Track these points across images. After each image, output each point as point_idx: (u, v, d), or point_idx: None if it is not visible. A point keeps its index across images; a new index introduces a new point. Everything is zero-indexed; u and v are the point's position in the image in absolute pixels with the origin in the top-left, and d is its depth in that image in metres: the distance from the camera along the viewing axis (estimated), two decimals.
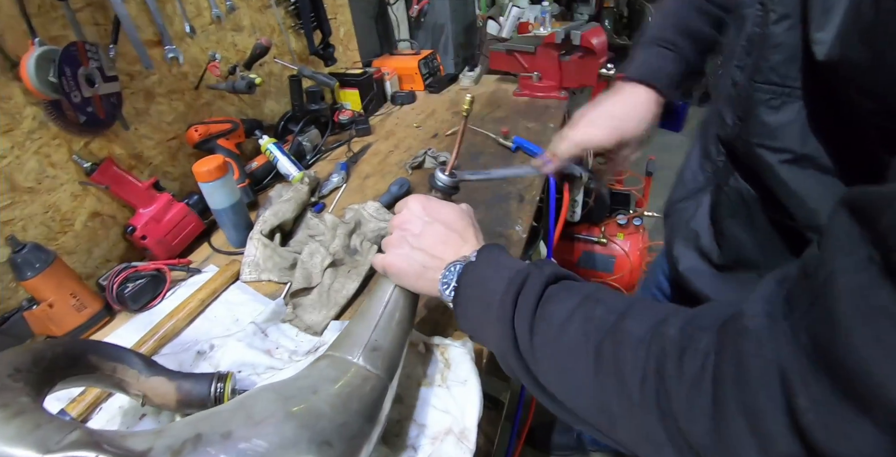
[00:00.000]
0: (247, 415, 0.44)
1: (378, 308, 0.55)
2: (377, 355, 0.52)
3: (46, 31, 0.78)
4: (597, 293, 0.40)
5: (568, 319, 0.38)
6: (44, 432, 0.41)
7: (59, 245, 0.83)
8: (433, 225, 0.54)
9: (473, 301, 0.47)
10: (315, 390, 0.47)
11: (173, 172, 1.04)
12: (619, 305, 0.38)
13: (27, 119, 0.77)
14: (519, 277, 0.43)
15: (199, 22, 1.06)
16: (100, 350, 0.55)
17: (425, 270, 0.52)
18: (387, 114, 1.55)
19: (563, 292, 0.41)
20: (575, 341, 0.37)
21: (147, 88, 0.97)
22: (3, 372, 0.46)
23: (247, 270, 0.84)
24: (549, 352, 0.40)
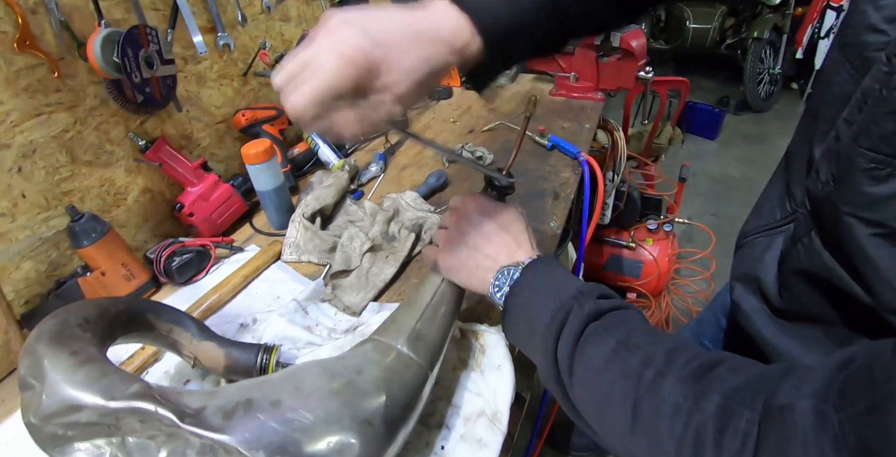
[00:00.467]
0: (295, 386, 0.46)
1: (425, 299, 0.57)
2: (420, 344, 0.54)
3: (111, 15, 0.82)
4: (633, 338, 0.40)
5: (605, 367, 0.39)
6: (109, 381, 0.44)
7: (111, 218, 0.87)
8: (488, 225, 0.55)
9: (520, 323, 0.49)
10: (360, 371, 0.49)
11: (219, 154, 1.08)
12: (657, 356, 0.38)
13: (90, 96, 0.81)
14: (562, 312, 0.44)
15: (250, 11, 1.09)
16: (158, 311, 0.59)
17: (477, 269, 0.54)
18: (424, 108, 1.57)
19: (602, 334, 0.42)
20: (612, 393, 0.38)
21: (199, 73, 1.00)
22: (73, 322, 0.49)
23: (288, 250, 0.86)
24: (587, 395, 0.41)
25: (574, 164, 1.16)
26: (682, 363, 0.36)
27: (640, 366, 0.37)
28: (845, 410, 0.27)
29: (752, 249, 0.59)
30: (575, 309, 0.44)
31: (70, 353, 0.46)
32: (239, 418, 0.43)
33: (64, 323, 0.49)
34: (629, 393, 0.37)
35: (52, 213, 0.78)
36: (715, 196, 3.01)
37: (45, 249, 0.78)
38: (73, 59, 0.77)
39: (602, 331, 0.42)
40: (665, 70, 4.69)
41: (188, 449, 0.42)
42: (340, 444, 0.43)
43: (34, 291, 0.78)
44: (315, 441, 0.42)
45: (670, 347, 0.39)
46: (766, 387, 0.32)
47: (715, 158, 3.48)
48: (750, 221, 0.63)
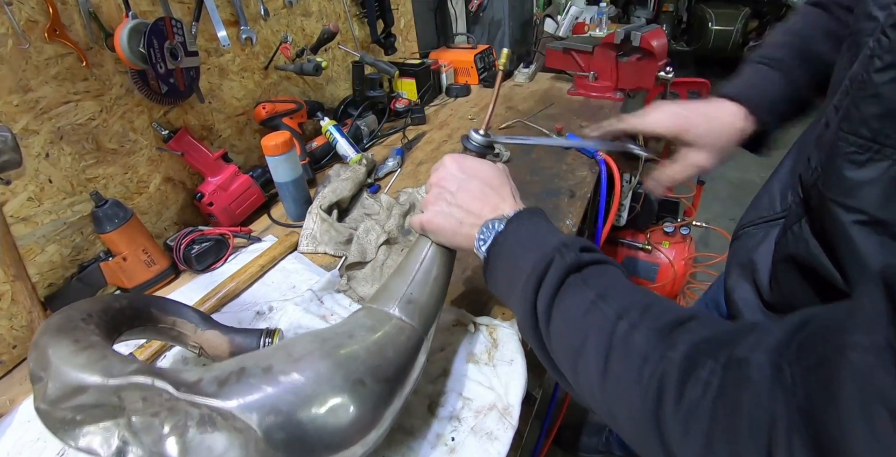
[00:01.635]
0: (287, 353, 0.47)
1: (415, 264, 0.57)
2: (413, 307, 0.54)
3: (138, 6, 0.83)
4: (611, 292, 0.41)
5: (582, 318, 0.40)
6: (109, 362, 0.46)
7: (134, 205, 0.88)
8: (469, 181, 0.55)
9: (501, 273, 0.49)
10: (351, 335, 0.50)
11: (239, 146, 1.09)
12: (632, 309, 0.38)
13: (115, 86, 0.82)
14: (542, 262, 0.44)
15: (272, 5, 1.11)
16: (161, 305, 0.60)
17: (461, 225, 0.53)
18: (441, 105, 1.57)
19: (581, 286, 0.42)
20: (586, 343, 0.39)
21: (222, 65, 1.02)
22: (77, 316, 0.51)
23: (304, 241, 0.87)
24: (562, 344, 0.42)
25: (591, 163, 1.15)
26: (654, 316, 0.37)
27: (615, 317, 0.38)
28: (798, 363, 0.27)
29: (748, 240, 0.60)
30: (556, 260, 0.44)
31: (72, 341, 0.48)
32: (232, 385, 0.44)
33: (68, 318, 0.51)
34: (602, 343, 0.37)
35: (77, 198, 0.80)
36: (734, 201, 2.97)
37: (69, 234, 0.80)
38: (101, 48, 0.79)
39: (581, 282, 0.42)
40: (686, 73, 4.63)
41: (188, 421, 0.43)
42: (334, 403, 0.44)
43: (58, 275, 0.80)
44: (308, 401, 0.43)
45: (647, 301, 0.39)
46: (733, 341, 0.32)
47: (735, 162, 3.41)
48: (749, 212, 0.63)
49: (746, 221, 0.62)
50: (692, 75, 4.66)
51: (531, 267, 0.45)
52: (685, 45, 4.55)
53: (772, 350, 0.29)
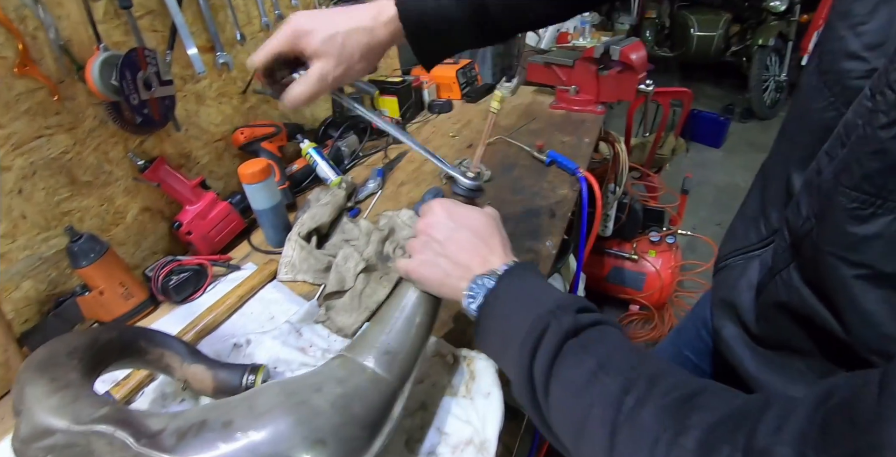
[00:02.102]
0: (249, 406, 0.47)
1: (396, 312, 0.55)
2: (389, 358, 0.53)
3: (110, 37, 0.83)
4: (613, 360, 0.39)
5: (583, 390, 0.38)
6: (79, 406, 0.46)
7: (110, 237, 0.88)
8: (458, 231, 0.53)
9: (493, 335, 0.48)
10: (319, 389, 0.49)
11: (218, 172, 1.09)
12: (638, 382, 0.37)
13: (89, 118, 0.82)
14: (538, 327, 0.43)
15: (248, 30, 1.11)
16: (149, 336, 0.60)
17: (448, 277, 0.52)
18: (424, 122, 1.57)
19: (580, 354, 0.41)
20: (590, 418, 0.37)
21: (198, 92, 1.01)
22: (61, 351, 0.51)
23: (283, 270, 0.87)
24: (563, 416, 0.40)
25: (572, 180, 1.16)
26: (663, 391, 0.36)
27: (621, 392, 0.36)
28: (827, 452, 0.26)
29: (729, 273, 0.58)
30: (552, 324, 0.42)
31: (49, 380, 0.48)
32: (190, 440, 0.44)
33: (52, 352, 0.51)
34: (608, 420, 0.36)
35: (52, 233, 0.79)
36: (720, 205, 3.00)
37: (44, 269, 0.79)
38: (73, 81, 0.79)
39: (580, 350, 0.41)
40: (670, 78, 4.69)
41: None
42: None
43: (34, 310, 0.79)
44: None
45: (652, 372, 0.38)
46: (747, 422, 0.31)
47: (720, 166, 3.47)
48: (726, 242, 0.61)
49: (726, 252, 0.60)
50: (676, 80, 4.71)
51: (526, 331, 0.43)
52: (668, 50, 4.59)
53: (796, 438, 0.28)
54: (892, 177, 0.35)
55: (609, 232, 1.87)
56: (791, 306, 0.46)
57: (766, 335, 0.52)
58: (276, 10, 1.17)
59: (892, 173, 0.35)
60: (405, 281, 0.58)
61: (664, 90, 2.07)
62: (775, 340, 0.51)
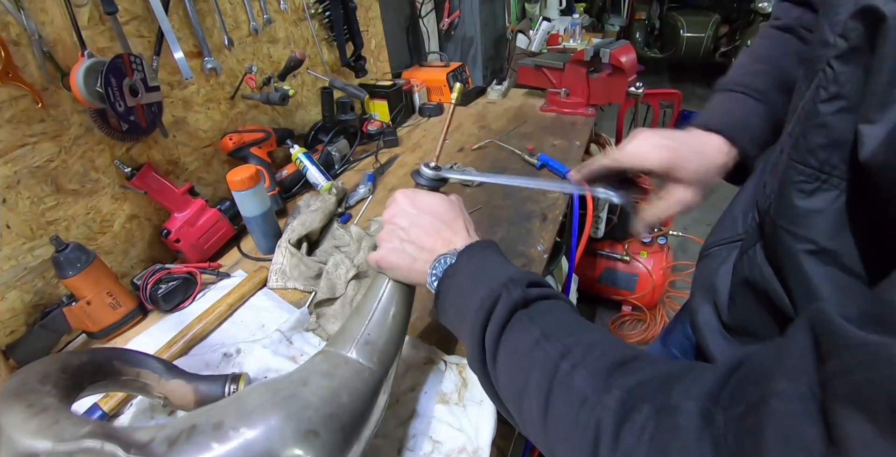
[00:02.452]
0: (237, 406, 0.47)
1: (372, 303, 0.56)
2: (370, 348, 0.53)
3: (94, 44, 0.82)
4: (556, 329, 0.41)
5: (526, 356, 0.40)
6: (60, 427, 0.45)
7: (98, 245, 0.87)
8: (421, 217, 0.55)
9: (451, 308, 0.49)
10: (305, 383, 0.49)
11: (207, 178, 1.08)
12: (575, 349, 0.38)
13: (74, 125, 0.81)
14: (490, 298, 0.44)
15: (236, 34, 1.10)
16: (123, 357, 0.59)
17: (415, 262, 0.53)
18: (414, 125, 1.57)
19: (527, 323, 0.42)
20: (530, 382, 0.39)
21: (186, 98, 1.00)
22: (33, 378, 0.50)
23: (274, 277, 0.86)
24: (508, 382, 0.42)
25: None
26: (596, 357, 0.37)
27: (558, 358, 0.38)
28: (729, 410, 0.27)
29: (711, 261, 0.59)
30: (504, 296, 0.44)
31: (26, 406, 0.47)
32: (181, 444, 0.43)
33: (23, 381, 0.50)
34: (544, 384, 0.37)
35: (38, 242, 0.78)
36: (710, 205, 2.96)
37: (30, 279, 0.78)
38: (57, 88, 0.78)
39: (527, 319, 0.42)
40: (660, 79, 4.71)
41: None
42: (287, 456, 0.43)
43: (20, 321, 0.78)
44: None
45: (591, 340, 0.39)
46: (669, 384, 0.32)
47: None
48: (714, 232, 0.62)
49: (711, 242, 0.62)
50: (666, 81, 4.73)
51: (479, 302, 0.45)
52: (658, 52, 4.63)
53: (703, 396, 0.29)
54: (834, 152, 0.36)
55: (601, 234, 1.87)
56: (754, 283, 0.47)
57: (734, 320, 0.53)
58: (264, 15, 1.16)
59: (834, 148, 0.36)
60: (379, 274, 0.59)
61: (654, 92, 2.08)
62: (741, 326, 0.53)
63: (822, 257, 0.39)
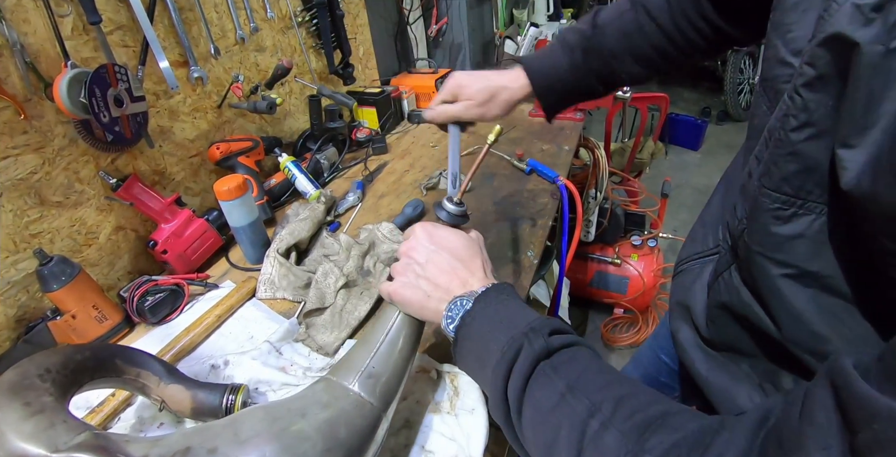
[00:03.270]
0: (234, 432, 0.46)
1: (380, 335, 0.55)
2: (373, 382, 0.52)
3: (78, 54, 0.81)
4: (581, 382, 0.40)
5: (552, 411, 0.39)
6: (55, 432, 0.44)
7: (83, 258, 0.85)
8: (438, 253, 0.54)
9: (470, 355, 0.48)
10: (304, 414, 0.48)
11: (194, 188, 1.07)
12: (604, 405, 0.38)
13: (58, 137, 0.80)
14: (512, 349, 0.43)
15: (223, 43, 1.09)
16: (126, 355, 0.58)
17: (429, 299, 0.52)
18: (403, 132, 1.57)
19: (551, 375, 0.41)
20: (558, 439, 0.38)
21: (172, 107, 1.00)
22: (33, 372, 0.49)
23: (262, 287, 0.85)
24: (534, 437, 0.41)
25: (553, 188, 1.16)
26: (626, 415, 0.36)
27: (587, 415, 0.37)
28: None
29: (685, 277, 0.60)
30: (525, 347, 0.43)
31: (23, 404, 0.46)
32: None
33: (24, 374, 0.49)
34: (574, 442, 0.37)
35: (21, 256, 0.77)
36: (699, 207, 2.98)
37: (14, 293, 0.77)
38: (40, 100, 0.77)
39: (551, 372, 0.42)
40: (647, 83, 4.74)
41: None
42: None
43: (3, 336, 0.76)
44: None
45: (618, 394, 0.38)
46: (700, 446, 0.32)
47: (698, 168, 3.52)
48: (686, 247, 0.63)
49: (685, 256, 0.62)
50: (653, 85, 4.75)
51: (500, 352, 0.44)
52: None
53: None
54: (808, 178, 0.36)
55: (591, 237, 1.88)
56: (732, 307, 0.48)
57: (714, 337, 0.53)
58: (250, 23, 1.15)
59: (808, 174, 0.36)
60: (389, 304, 0.58)
61: (642, 95, 2.10)
62: (722, 342, 0.53)
63: (803, 281, 0.39)
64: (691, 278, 0.57)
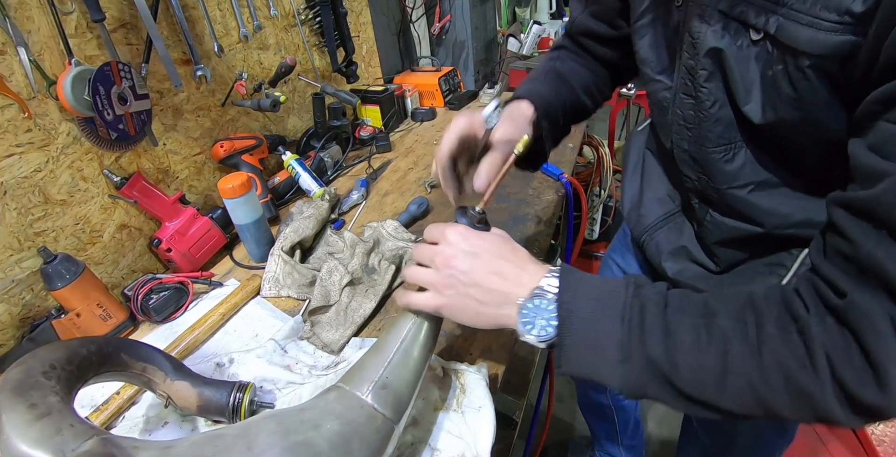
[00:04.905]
0: (247, 444, 0.45)
1: (394, 344, 0.54)
2: (387, 393, 0.51)
3: (82, 51, 0.81)
4: (709, 309, 0.43)
5: (709, 343, 0.41)
6: (62, 438, 0.43)
7: (87, 256, 0.85)
8: (480, 257, 0.51)
9: (580, 349, 0.45)
10: (317, 426, 0.47)
11: (198, 186, 1.07)
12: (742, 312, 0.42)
13: (62, 135, 0.80)
14: (634, 315, 0.43)
15: (226, 41, 1.09)
16: (132, 350, 0.58)
17: (484, 306, 0.50)
18: (407, 130, 1.56)
19: (684, 316, 0.43)
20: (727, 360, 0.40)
21: (175, 105, 1.00)
22: (38, 369, 0.48)
23: (267, 285, 0.85)
24: (700, 374, 0.41)
25: (557, 185, 1.15)
26: (758, 310, 0.41)
27: (740, 326, 0.41)
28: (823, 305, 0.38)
29: (665, 236, 0.70)
30: (647, 306, 0.43)
31: (28, 406, 0.45)
32: None
33: (28, 371, 0.48)
34: (746, 354, 0.39)
35: (25, 254, 0.77)
36: None
37: (18, 292, 0.77)
38: (44, 98, 0.77)
39: (680, 313, 0.43)
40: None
41: None
42: None
43: (7, 335, 0.76)
44: None
45: (734, 298, 0.43)
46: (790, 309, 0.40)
47: None
48: (644, 218, 0.74)
49: (648, 225, 0.73)
50: None
51: (621, 325, 0.43)
52: None
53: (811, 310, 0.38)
54: (730, 130, 0.53)
55: (596, 235, 1.87)
56: (726, 239, 0.61)
57: (722, 265, 0.64)
58: (254, 21, 1.15)
59: (728, 128, 0.53)
60: (405, 313, 0.56)
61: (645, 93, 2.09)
62: (727, 266, 0.64)
63: (762, 188, 0.55)
64: (675, 234, 0.70)
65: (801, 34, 0.41)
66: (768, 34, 0.43)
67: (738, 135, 0.53)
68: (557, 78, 0.74)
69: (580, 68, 0.77)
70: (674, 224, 0.70)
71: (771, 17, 0.43)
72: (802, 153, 0.51)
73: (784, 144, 0.51)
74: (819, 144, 0.48)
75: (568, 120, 0.73)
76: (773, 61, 0.44)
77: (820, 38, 0.39)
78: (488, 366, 0.67)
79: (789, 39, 0.42)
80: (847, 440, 1.55)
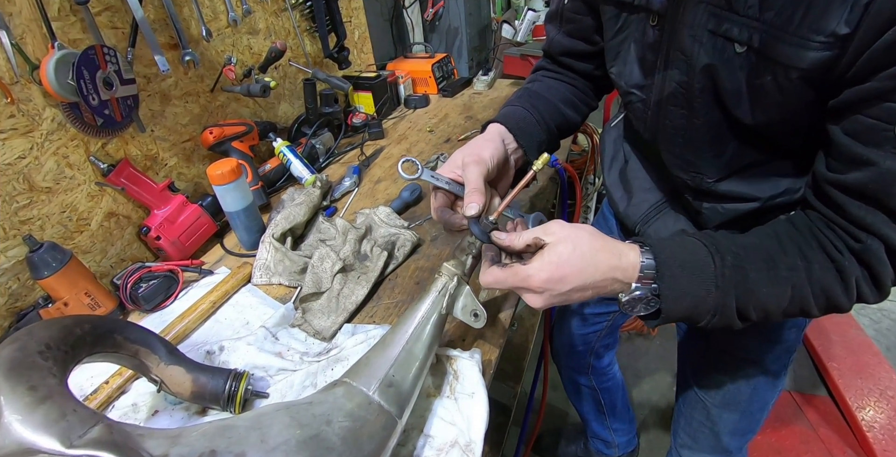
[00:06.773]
0: (261, 437, 0.45)
1: (400, 342, 0.56)
2: (393, 391, 0.53)
3: (66, 35, 0.79)
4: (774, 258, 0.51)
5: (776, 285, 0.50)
6: (68, 424, 0.41)
7: (74, 244, 0.84)
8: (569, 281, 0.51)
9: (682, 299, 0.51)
10: (329, 421, 0.48)
11: (188, 174, 1.05)
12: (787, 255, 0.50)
13: (46, 121, 0.78)
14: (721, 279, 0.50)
15: (215, 25, 1.07)
16: (126, 331, 0.57)
17: (597, 293, 0.53)
18: (400, 117, 1.55)
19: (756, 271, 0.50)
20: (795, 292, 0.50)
21: (163, 91, 0.98)
22: (33, 348, 0.46)
23: (258, 273, 0.84)
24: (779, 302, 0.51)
25: (551, 171, 1.15)
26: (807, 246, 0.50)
27: (792, 266, 0.50)
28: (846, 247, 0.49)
29: (663, 223, 0.72)
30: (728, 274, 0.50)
31: (28, 387, 0.43)
32: None
33: (23, 350, 0.46)
34: (804, 282, 0.49)
35: (11, 243, 0.75)
36: None
37: (4, 281, 0.76)
38: (28, 82, 0.75)
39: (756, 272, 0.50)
40: None
41: None
42: None
43: None
44: None
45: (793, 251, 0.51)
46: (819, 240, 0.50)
47: None
48: (629, 214, 0.76)
49: (640, 217, 0.74)
50: None
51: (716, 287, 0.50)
52: None
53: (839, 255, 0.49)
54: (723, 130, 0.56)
55: (590, 223, 1.87)
56: (724, 219, 0.64)
57: None
58: (243, 5, 1.13)
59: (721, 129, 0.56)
60: (411, 309, 0.58)
61: None
62: None
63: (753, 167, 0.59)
64: (671, 221, 0.71)
65: (786, 51, 0.45)
66: (752, 47, 0.48)
67: (728, 133, 0.57)
68: (532, 96, 0.76)
69: (558, 84, 0.80)
70: (667, 212, 0.73)
71: (754, 34, 0.47)
72: (784, 137, 0.56)
73: (768, 134, 0.55)
74: (799, 130, 0.53)
75: (552, 131, 0.75)
76: (761, 72, 0.49)
77: (808, 56, 0.44)
78: (482, 352, 0.67)
79: (774, 54, 0.46)
80: (837, 427, 1.56)
